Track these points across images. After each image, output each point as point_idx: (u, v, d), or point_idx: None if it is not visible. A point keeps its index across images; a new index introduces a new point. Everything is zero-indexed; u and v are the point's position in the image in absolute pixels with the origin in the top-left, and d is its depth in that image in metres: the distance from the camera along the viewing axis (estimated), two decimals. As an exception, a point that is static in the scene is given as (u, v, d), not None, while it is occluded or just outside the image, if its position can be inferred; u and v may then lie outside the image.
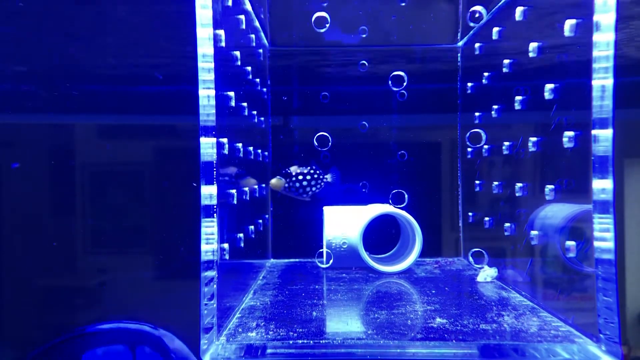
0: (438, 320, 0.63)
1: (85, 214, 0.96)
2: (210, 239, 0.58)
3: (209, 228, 0.58)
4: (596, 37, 0.53)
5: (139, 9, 0.91)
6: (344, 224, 0.95)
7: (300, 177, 0.98)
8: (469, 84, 0.99)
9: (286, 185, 0.97)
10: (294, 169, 0.98)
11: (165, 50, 0.96)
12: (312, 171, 1.00)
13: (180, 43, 0.94)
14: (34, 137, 0.95)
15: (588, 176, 0.54)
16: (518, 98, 0.75)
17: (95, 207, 0.97)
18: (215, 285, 0.57)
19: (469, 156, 1.00)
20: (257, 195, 0.89)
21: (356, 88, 1.05)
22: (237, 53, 0.71)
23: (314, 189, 1.00)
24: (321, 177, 1.01)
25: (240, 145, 0.74)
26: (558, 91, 0.64)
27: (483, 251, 0.90)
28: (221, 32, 0.60)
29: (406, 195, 1.03)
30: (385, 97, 1.04)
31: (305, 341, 0.57)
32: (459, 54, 1.05)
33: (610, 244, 0.53)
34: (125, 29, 0.93)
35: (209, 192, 0.58)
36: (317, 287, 0.81)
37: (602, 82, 0.53)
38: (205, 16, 0.56)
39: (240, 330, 0.60)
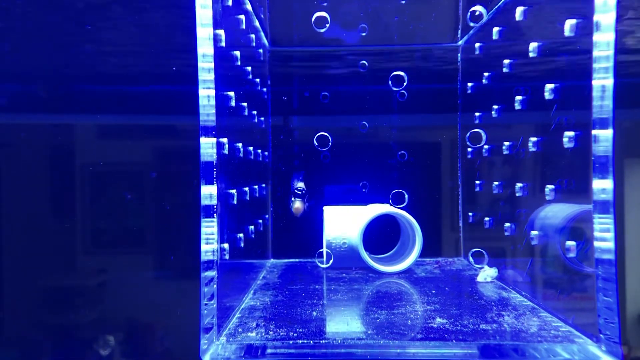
0: (438, 320, 0.63)
1: (85, 214, 0.96)
2: (210, 239, 0.58)
3: (209, 228, 0.58)
4: (596, 37, 0.53)
5: (139, 9, 0.91)
6: (344, 224, 0.95)
7: (304, 191, 0.96)
8: (469, 84, 0.99)
9: (306, 203, 0.94)
10: (301, 185, 0.95)
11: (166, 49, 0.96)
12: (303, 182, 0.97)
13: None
14: (34, 137, 0.95)
15: (588, 176, 0.54)
16: (518, 98, 0.75)
17: (95, 207, 0.97)
18: (215, 285, 0.57)
19: (469, 156, 1.00)
20: (257, 195, 0.89)
21: (356, 88, 1.05)
22: (237, 53, 0.71)
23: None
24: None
25: (240, 145, 0.74)
26: (558, 91, 0.64)
27: (483, 251, 0.90)
28: (221, 32, 0.60)
29: (406, 195, 1.03)
30: (385, 97, 1.04)
31: (305, 341, 0.57)
32: (459, 54, 1.05)
33: (610, 244, 0.53)
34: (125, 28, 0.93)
35: (209, 192, 0.58)
36: (317, 287, 0.81)
37: (602, 82, 0.53)
38: (205, 16, 0.56)
39: (240, 330, 0.60)
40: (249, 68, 0.83)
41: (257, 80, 0.93)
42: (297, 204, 0.94)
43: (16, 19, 0.90)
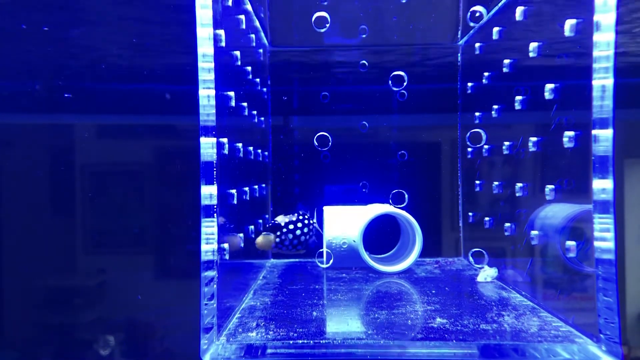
0: (438, 320, 0.63)
1: (85, 214, 0.96)
2: (210, 239, 0.58)
3: (209, 228, 0.58)
4: (596, 37, 0.53)
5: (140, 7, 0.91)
6: (344, 224, 0.95)
7: (292, 227, 0.86)
8: (469, 84, 0.99)
9: (277, 240, 0.84)
10: (281, 219, 0.86)
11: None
12: (300, 217, 0.88)
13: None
14: (34, 137, 0.95)
15: (588, 176, 0.54)
16: (518, 98, 0.75)
17: (95, 207, 0.97)
18: (215, 285, 0.57)
19: (469, 156, 1.00)
20: (257, 195, 0.89)
21: (356, 88, 1.05)
22: (237, 53, 0.71)
23: (307, 237, 0.88)
24: (310, 221, 0.90)
25: (240, 145, 0.74)
26: (558, 91, 0.64)
27: (483, 251, 0.90)
28: (221, 32, 0.60)
29: (406, 195, 1.03)
30: (385, 97, 1.04)
31: (305, 341, 0.57)
32: (459, 54, 1.05)
33: (610, 244, 0.53)
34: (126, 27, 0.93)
35: (209, 192, 0.58)
36: (317, 287, 0.81)
37: (603, 82, 0.53)
38: (205, 16, 0.56)
39: (240, 330, 0.60)
40: (249, 68, 0.83)
41: (257, 80, 0.93)
42: (259, 239, 0.82)
43: (15, 17, 0.90)
